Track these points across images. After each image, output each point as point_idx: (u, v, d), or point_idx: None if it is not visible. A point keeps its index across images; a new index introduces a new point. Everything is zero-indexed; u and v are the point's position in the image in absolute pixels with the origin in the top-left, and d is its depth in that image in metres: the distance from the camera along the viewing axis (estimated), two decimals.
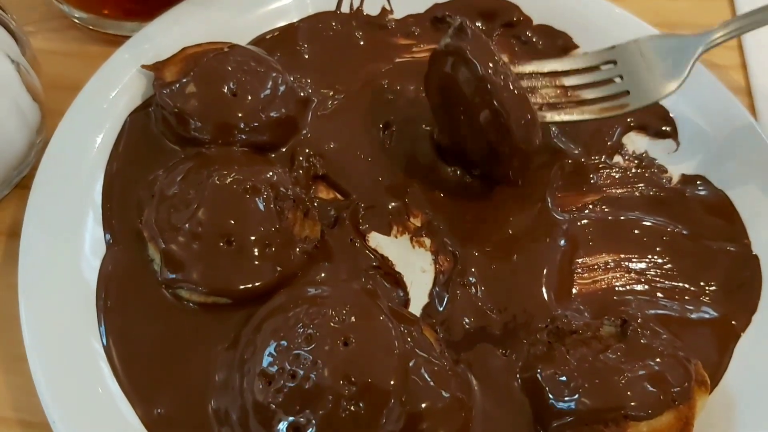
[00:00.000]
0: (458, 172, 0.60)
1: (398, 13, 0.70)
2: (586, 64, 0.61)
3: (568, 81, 0.61)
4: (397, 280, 0.54)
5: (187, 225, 0.49)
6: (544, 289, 0.54)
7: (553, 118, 0.59)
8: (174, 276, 0.49)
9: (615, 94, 0.60)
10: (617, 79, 0.60)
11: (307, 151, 0.59)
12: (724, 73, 0.58)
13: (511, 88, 0.53)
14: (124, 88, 0.58)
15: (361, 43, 0.68)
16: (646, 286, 0.55)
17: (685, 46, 0.58)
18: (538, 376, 0.47)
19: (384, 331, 0.44)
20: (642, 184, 0.61)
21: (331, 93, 0.63)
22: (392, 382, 0.42)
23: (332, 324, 0.43)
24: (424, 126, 0.62)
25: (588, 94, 0.60)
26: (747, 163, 0.60)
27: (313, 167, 0.58)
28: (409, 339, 0.46)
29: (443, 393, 0.45)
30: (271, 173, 0.52)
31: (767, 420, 0.48)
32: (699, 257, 0.57)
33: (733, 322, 0.53)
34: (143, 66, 0.59)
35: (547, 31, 0.70)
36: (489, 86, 0.52)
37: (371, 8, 0.70)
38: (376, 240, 0.56)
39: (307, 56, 0.65)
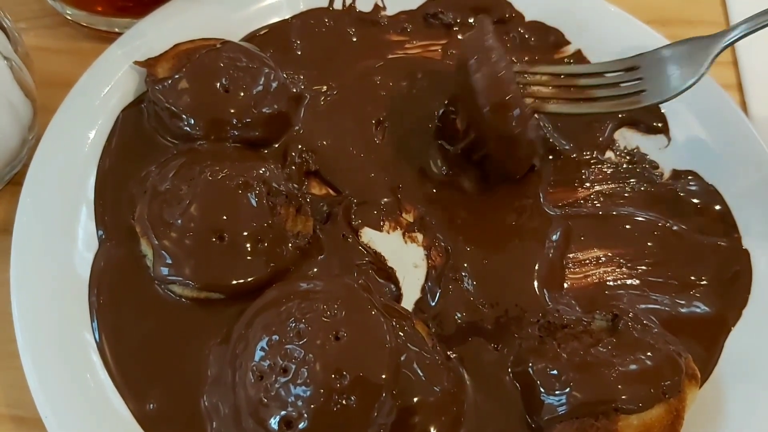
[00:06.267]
0: (451, 168, 0.60)
1: (391, 10, 0.70)
2: (605, 68, 0.60)
3: (583, 81, 0.60)
4: (389, 276, 0.54)
5: (179, 220, 0.49)
6: (535, 284, 0.54)
7: (560, 110, 0.58)
8: (166, 271, 0.49)
9: (629, 93, 0.59)
10: (636, 81, 0.59)
11: (299, 146, 0.59)
12: (716, 69, 0.58)
13: (488, 71, 0.54)
14: (116, 84, 0.58)
15: (354, 39, 0.68)
16: (638, 281, 0.56)
17: (705, 45, 0.58)
18: (530, 370, 0.47)
19: (376, 325, 0.44)
20: (633, 180, 0.62)
21: (323, 89, 0.63)
22: (384, 376, 0.42)
23: (324, 318, 0.43)
24: (417, 122, 0.62)
25: (601, 92, 0.59)
26: (738, 159, 0.61)
27: (306, 163, 0.58)
28: (401, 333, 0.46)
29: (435, 387, 0.45)
30: (263, 169, 0.52)
31: (756, 413, 0.48)
32: (690, 252, 0.57)
33: (723, 317, 0.54)
34: (135, 62, 0.59)
35: (539, 27, 0.70)
36: (468, 67, 0.54)
37: (364, 5, 0.70)
38: (369, 235, 0.56)
39: (299, 52, 0.65)
